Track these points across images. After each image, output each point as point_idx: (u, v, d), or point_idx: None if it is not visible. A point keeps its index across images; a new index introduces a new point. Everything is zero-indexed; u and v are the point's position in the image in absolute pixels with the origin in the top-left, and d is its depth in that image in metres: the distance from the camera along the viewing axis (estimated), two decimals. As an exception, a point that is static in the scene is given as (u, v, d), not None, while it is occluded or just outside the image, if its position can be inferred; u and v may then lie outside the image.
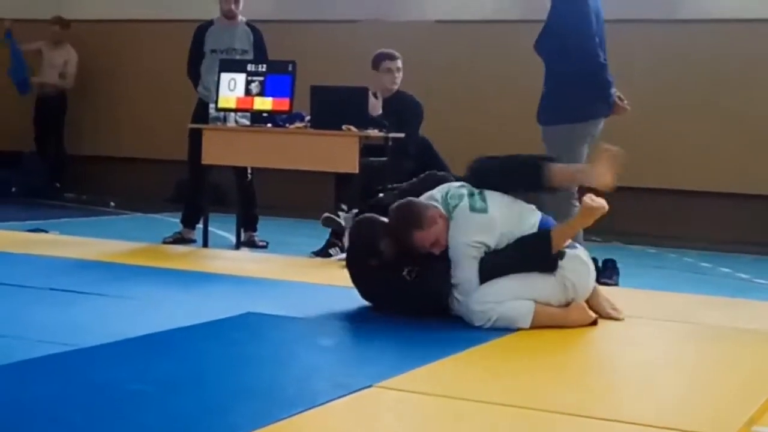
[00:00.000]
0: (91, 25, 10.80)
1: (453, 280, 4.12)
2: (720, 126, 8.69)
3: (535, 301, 4.08)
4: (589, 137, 5.54)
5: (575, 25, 5.44)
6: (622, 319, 4.31)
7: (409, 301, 4.17)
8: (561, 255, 4.17)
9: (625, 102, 5.65)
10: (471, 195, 4.23)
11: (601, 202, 4.18)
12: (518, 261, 4.12)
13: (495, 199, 4.23)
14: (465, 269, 4.11)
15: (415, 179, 4.61)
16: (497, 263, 4.11)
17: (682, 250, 7.94)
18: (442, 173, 4.58)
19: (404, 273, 4.17)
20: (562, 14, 5.48)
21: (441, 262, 4.14)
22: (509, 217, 4.21)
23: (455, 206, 4.20)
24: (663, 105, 8.80)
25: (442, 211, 4.19)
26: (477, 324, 4.03)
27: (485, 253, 4.13)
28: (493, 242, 4.14)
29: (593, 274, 4.32)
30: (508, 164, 4.37)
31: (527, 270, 4.12)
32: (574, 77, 5.44)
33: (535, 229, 4.22)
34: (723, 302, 5.19)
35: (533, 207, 4.31)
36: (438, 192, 4.30)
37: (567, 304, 4.19)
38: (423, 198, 4.30)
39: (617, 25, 8.75)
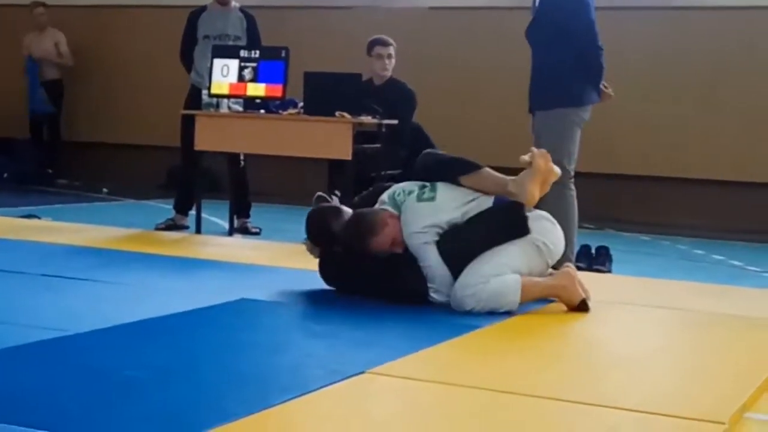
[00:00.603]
0: (84, 11, 10.76)
1: (423, 271, 4.14)
2: (715, 114, 8.70)
3: (520, 273, 4.10)
4: (582, 122, 5.54)
5: (570, 9, 5.43)
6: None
7: (388, 293, 4.19)
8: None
9: (610, 89, 5.66)
10: (422, 188, 4.28)
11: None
12: (489, 229, 4.13)
13: (444, 188, 4.26)
14: (424, 257, 4.14)
15: (365, 192, 4.66)
16: (467, 237, 4.12)
17: (676, 237, 7.95)
18: (388, 183, 4.62)
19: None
20: (557, 1, 5.47)
21: (411, 260, 4.16)
22: (459, 199, 4.23)
23: (403, 202, 4.25)
24: (658, 93, 8.81)
25: (392, 210, 4.22)
26: (468, 308, 4.04)
27: (440, 234, 4.14)
28: (443, 222, 4.16)
29: (559, 229, 4.33)
30: (446, 157, 4.39)
31: (499, 236, 4.13)
32: (569, 62, 5.43)
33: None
34: (716, 289, 5.21)
35: (488, 196, 4.29)
36: (385, 194, 4.36)
37: (548, 268, 4.24)
38: (376, 205, 4.35)
39: (614, 12, 8.78)
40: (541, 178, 4.24)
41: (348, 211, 4.40)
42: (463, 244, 4.12)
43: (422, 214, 4.18)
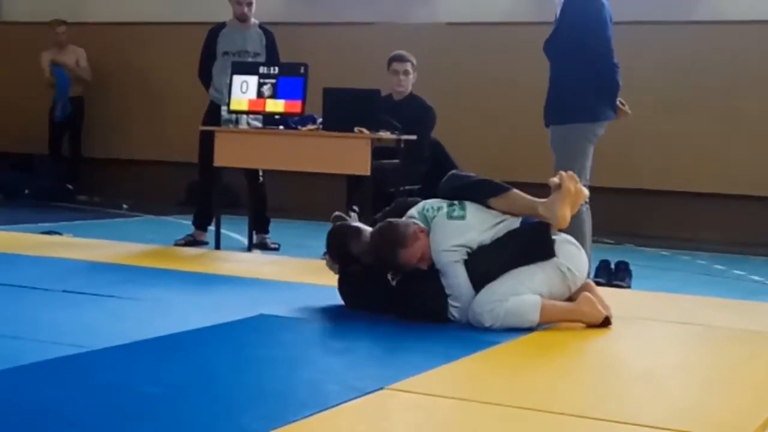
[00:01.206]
0: (102, 28, 10.83)
1: (447, 290, 4.13)
2: (734, 128, 8.67)
3: (541, 296, 4.08)
4: (595, 138, 5.55)
5: (591, 27, 5.44)
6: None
7: (406, 312, 4.18)
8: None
9: (626, 107, 5.66)
10: (450, 205, 4.27)
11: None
12: (515, 251, 4.13)
13: (473, 208, 4.25)
14: (451, 275, 4.13)
15: (387, 208, 4.64)
16: (493, 258, 4.11)
17: (695, 253, 7.91)
18: (412, 198, 4.61)
19: (388, 276, 4.19)
20: (576, 15, 5.48)
21: (432, 278, 4.15)
22: (489, 221, 4.22)
23: (433, 218, 4.23)
24: (677, 107, 8.78)
25: (422, 225, 4.21)
26: (487, 324, 4.03)
27: (469, 253, 4.13)
28: (474, 243, 4.15)
29: (584, 255, 4.32)
30: (473, 179, 4.37)
31: (525, 258, 4.12)
32: (587, 78, 5.44)
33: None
34: (736, 305, 5.17)
35: (516, 217, 4.29)
36: (414, 209, 4.34)
37: (570, 293, 4.20)
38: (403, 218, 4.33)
39: (630, 27, 8.76)
40: (571, 200, 4.23)
41: (368, 229, 4.39)
42: (489, 265, 4.11)
43: (452, 232, 4.16)
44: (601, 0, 5.51)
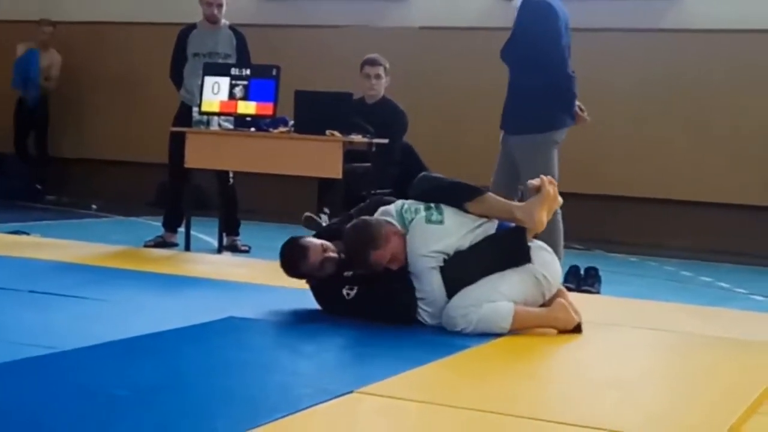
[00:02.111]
0: (73, 27, 10.75)
1: (418, 294, 4.13)
2: (703, 136, 8.73)
3: (515, 302, 4.09)
4: (556, 144, 5.60)
5: (544, 37, 5.48)
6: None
7: (373, 314, 4.18)
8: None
9: (585, 113, 5.71)
10: (428, 208, 4.24)
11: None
12: (491, 256, 4.13)
13: (451, 212, 4.23)
14: (426, 281, 4.12)
15: (362, 204, 4.62)
16: (469, 264, 4.11)
17: (663, 259, 7.97)
18: (387, 198, 4.60)
19: (344, 292, 4.19)
20: (530, 25, 5.51)
21: (399, 280, 4.15)
22: (467, 225, 4.22)
23: (411, 220, 4.21)
24: (647, 115, 8.84)
25: (398, 226, 4.20)
26: (458, 329, 4.03)
27: (445, 260, 4.13)
28: (452, 249, 4.15)
29: (558, 262, 4.34)
30: (447, 182, 4.36)
31: (501, 264, 4.13)
32: (542, 88, 5.50)
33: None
34: (704, 311, 5.21)
35: (493, 221, 4.29)
36: (393, 207, 4.31)
37: (544, 300, 4.21)
38: (377, 214, 4.31)
39: (603, 34, 8.82)
40: (549, 205, 4.24)
41: (316, 243, 4.31)
42: (465, 269, 4.10)
43: (431, 237, 4.14)
44: (554, 7, 5.54)
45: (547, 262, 4.23)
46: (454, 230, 4.18)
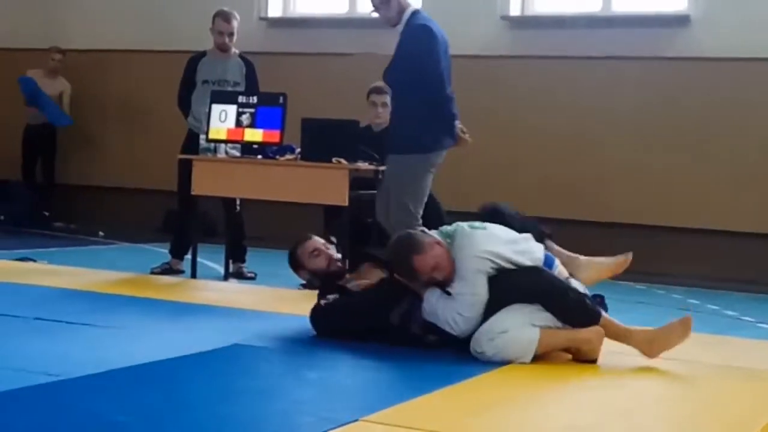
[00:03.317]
0: (82, 55, 10.80)
1: (458, 297, 4.08)
2: (706, 163, 8.72)
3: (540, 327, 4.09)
4: (433, 168, 5.73)
5: (423, 58, 5.63)
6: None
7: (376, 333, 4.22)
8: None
9: (467, 135, 5.81)
10: (470, 224, 4.29)
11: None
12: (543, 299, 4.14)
13: (495, 225, 4.30)
14: (471, 284, 4.09)
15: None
16: (511, 291, 4.10)
17: (670, 287, 7.94)
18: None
19: (321, 302, 4.40)
20: (410, 47, 5.68)
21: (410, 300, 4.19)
22: (509, 233, 4.26)
23: (453, 231, 4.22)
24: (651, 142, 8.84)
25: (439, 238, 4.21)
26: (488, 354, 4.01)
27: (494, 269, 4.10)
28: (500, 254, 4.13)
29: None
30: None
31: (558, 313, 4.16)
32: (421, 109, 5.67)
33: (540, 263, 4.25)
34: (711, 339, 5.19)
35: (539, 245, 4.34)
36: (431, 231, 4.33)
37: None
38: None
39: (605, 62, 8.84)
40: (674, 342, 4.27)
41: (320, 239, 4.71)
42: (508, 293, 4.09)
43: (479, 239, 4.16)
44: (434, 31, 5.69)
45: None
46: (499, 234, 4.21)
